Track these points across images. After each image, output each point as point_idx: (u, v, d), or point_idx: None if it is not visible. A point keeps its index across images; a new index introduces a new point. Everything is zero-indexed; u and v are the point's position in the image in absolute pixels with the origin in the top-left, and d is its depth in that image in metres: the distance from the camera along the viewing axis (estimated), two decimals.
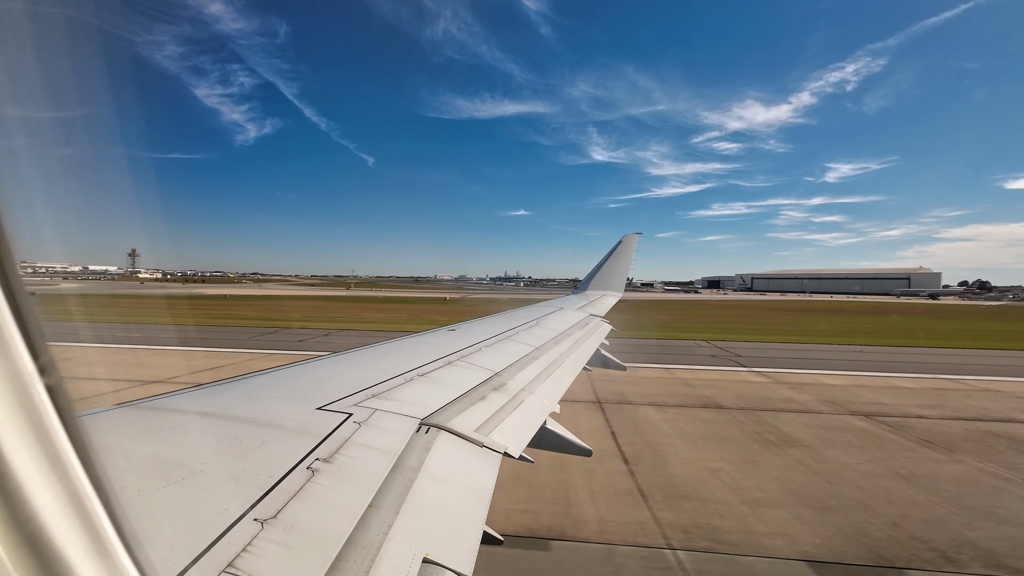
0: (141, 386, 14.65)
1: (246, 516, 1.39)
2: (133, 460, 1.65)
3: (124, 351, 21.07)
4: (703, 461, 9.84)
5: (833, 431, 11.94)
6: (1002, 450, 10.76)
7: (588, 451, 3.29)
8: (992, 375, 19.07)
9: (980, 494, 8.54)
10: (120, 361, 19.40)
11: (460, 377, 3.31)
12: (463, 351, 4.10)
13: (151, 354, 20.38)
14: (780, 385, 16.93)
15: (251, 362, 19.22)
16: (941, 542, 6.95)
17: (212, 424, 2.06)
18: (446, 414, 2.55)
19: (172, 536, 1.27)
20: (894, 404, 14.59)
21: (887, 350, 25.82)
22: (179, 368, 17.74)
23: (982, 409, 14.18)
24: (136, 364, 18.42)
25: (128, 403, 2.19)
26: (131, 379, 15.71)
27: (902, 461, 10.00)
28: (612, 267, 13.16)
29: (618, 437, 11.14)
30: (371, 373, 3.07)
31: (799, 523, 7.41)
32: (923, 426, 12.43)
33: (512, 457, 2.40)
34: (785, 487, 8.67)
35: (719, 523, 7.39)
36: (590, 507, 7.80)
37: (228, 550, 1.24)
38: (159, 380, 15.48)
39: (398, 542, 1.48)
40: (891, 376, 18.72)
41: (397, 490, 1.75)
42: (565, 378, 4.17)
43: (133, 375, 16.38)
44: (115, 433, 1.89)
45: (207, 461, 1.70)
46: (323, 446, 1.91)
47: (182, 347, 24.88)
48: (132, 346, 21.84)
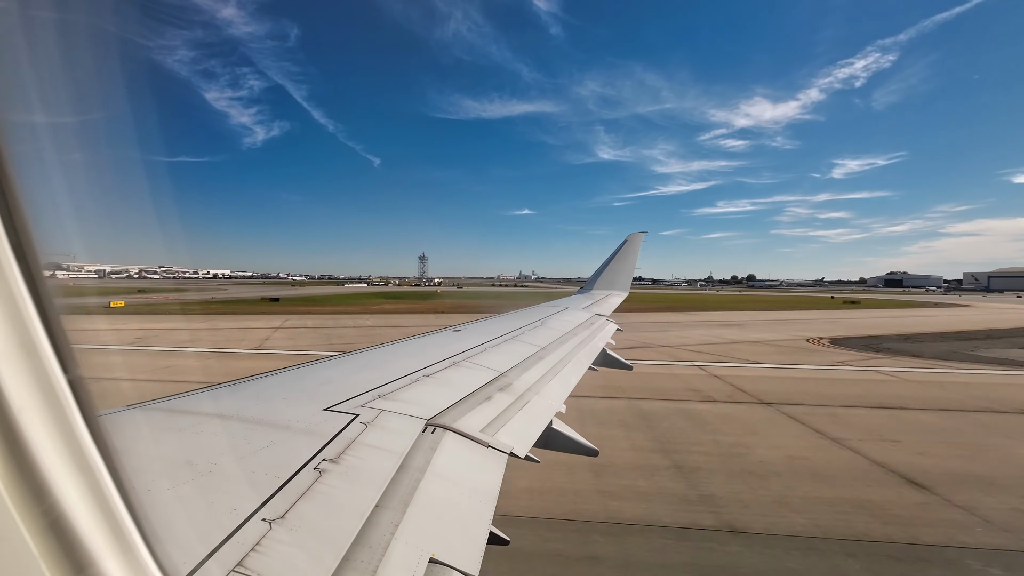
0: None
1: (255, 516, 1.41)
2: (146, 459, 1.67)
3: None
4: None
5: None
6: None
7: (595, 451, 3.28)
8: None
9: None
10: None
11: (466, 378, 3.32)
12: (469, 351, 4.11)
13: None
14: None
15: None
16: None
17: (222, 425, 2.09)
18: (452, 414, 2.56)
19: (183, 535, 1.29)
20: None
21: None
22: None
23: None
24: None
25: (143, 403, 2.23)
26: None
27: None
28: (618, 266, 13.11)
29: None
30: (377, 374, 3.09)
31: None
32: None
33: (518, 457, 2.41)
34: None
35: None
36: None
37: (238, 549, 1.26)
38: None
39: (405, 542, 1.49)
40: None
41: (404, 490, 1.76)
42: (571, 378, 4.17)
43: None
44: (130, 432, 1.92)
45: (217, 461, 1.72)
46: (330, 447, 1.93)
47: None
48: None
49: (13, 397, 0.68)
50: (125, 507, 0.83)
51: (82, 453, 0.77)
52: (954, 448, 11.14)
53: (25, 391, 0.70)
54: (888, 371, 20.31)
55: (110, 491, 0.81)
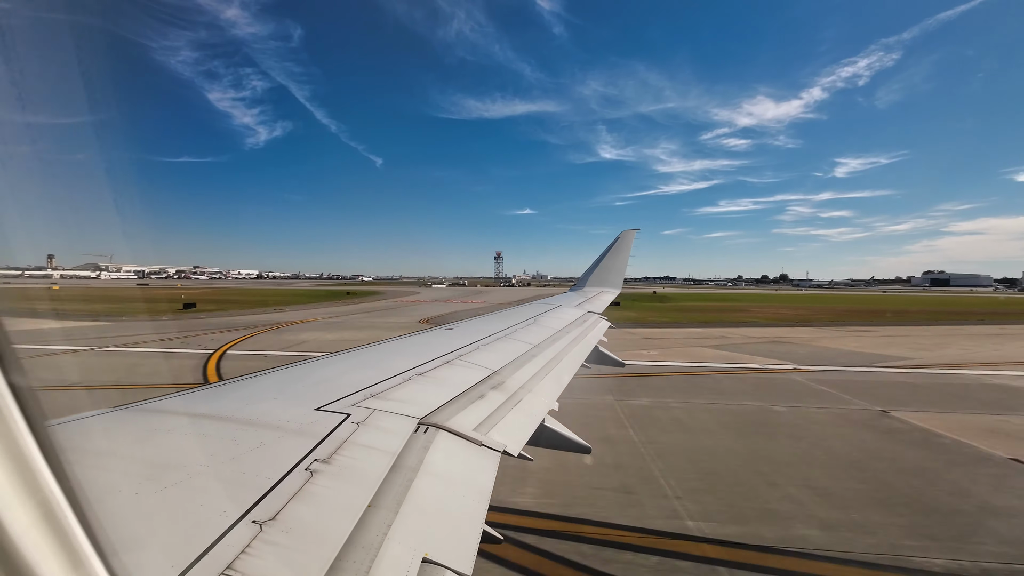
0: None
1: (245, 518, 1.39)
2: (129, 463, 1.64)
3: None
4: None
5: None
6: None
7: (587, 448, 3.29)
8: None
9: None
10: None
11: (458, 376, 3.31)
12: (461, 350, 4.10)
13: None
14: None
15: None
16: None
17: (209, 426, 2.05)
18: (445, 413, 2.55)
19: (170, 539, 1.27)
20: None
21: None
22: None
23: None
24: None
25: (123, 406, 2.18)
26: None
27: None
28: (610, 263, 13.13)
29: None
30: (369, 373, 3.06)
31: None
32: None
33: (511, 455, 2.40)
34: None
35: None
36: None
37: (227, 552, 1.24)
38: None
39: (398, 542, 1.48)
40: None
41: (396, 490, 1.75)
42: (564, 376, 4.17)
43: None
44: (110, 437, 1.88)
45: (204, 463, 1.69)
46: (322, 447, 1.90)
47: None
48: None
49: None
50: (78, 521, 0.79)
51: (30, 471, 0.73)
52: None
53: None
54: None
55: (63, 511, 0.77)
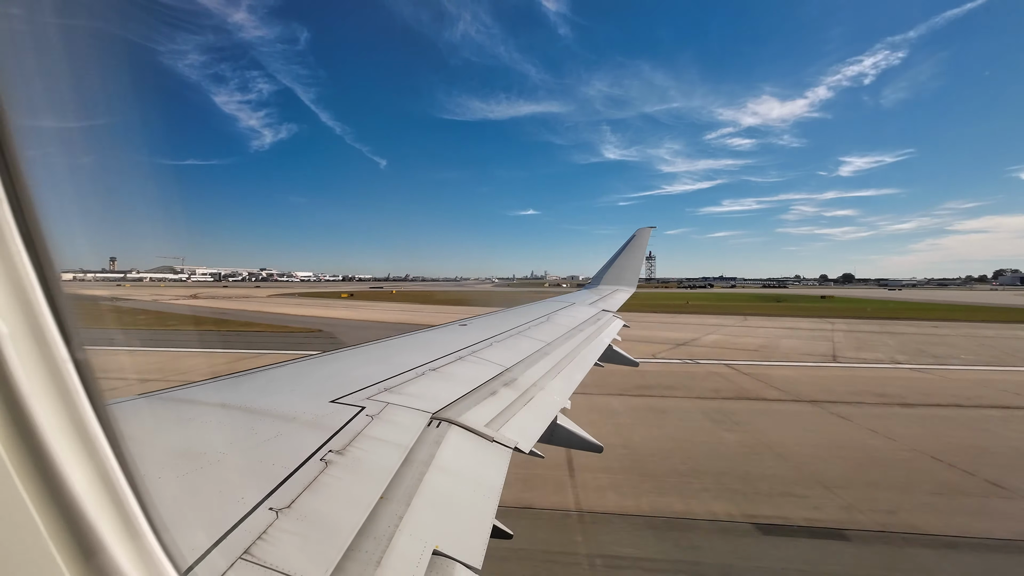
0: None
1: (262, 505, 1.43)
2: (155, 449, 1.70)
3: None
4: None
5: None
6: None
7: (599, 447, 3.28)
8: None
9: None
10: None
11: (471, 372, 3.33)
12: (474, 346, 4.12)
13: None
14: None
15: None
16: None
17: (230, 416, 2.11)
18: (457, 409, 2.57)
19: (193, 522, 1.31)
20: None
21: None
22: None
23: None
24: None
25: (151, 393, 2.26)
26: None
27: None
28: (625, 262, 12.98)
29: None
30: (383, 367, 3.11)
31: None
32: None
33: (523, 452, 2.41)
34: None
35: None
36: None
37: (245, 537, 1.28)
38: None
39: (409, 534, 1.50)
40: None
41: (408, 483, 1.77)
42: (576, 374, 4.16)
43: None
44: (138, 422, 1.95)
45: (224, 451, 1.74)
46: (336, 438, 1.94)
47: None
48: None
49: (23, 383, 0.69)
50: (133, 494, 0.84)
51: (90, 440, 0.79)
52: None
53: (35, 377, 0.71)
54: None
55: (118, 478, 0.82)
